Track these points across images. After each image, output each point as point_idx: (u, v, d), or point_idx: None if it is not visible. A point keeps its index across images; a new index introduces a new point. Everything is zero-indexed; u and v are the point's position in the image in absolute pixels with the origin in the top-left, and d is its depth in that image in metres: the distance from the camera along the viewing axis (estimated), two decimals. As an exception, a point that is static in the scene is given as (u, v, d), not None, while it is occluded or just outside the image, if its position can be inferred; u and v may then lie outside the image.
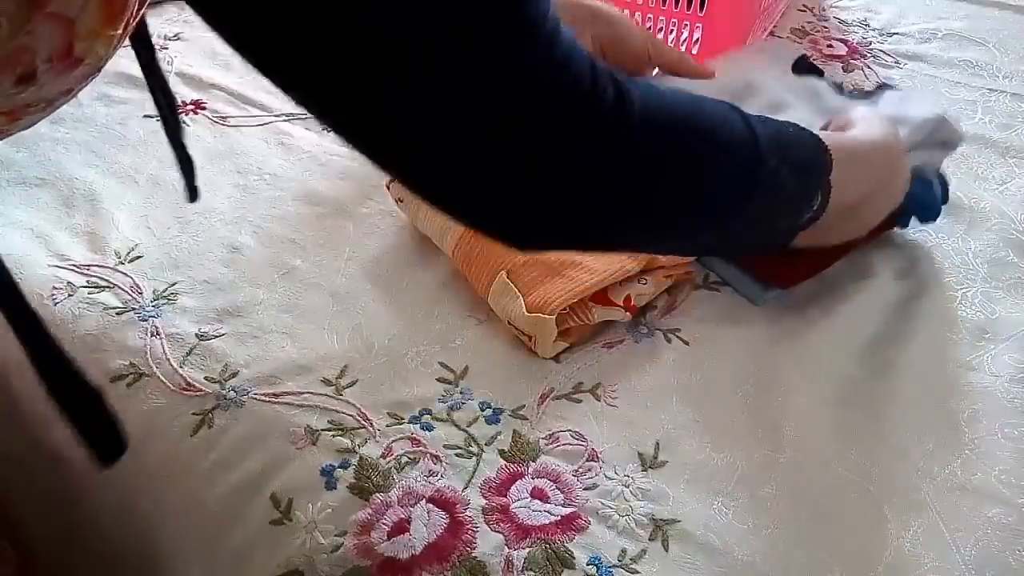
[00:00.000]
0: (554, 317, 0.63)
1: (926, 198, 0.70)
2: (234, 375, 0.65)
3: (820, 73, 0.80)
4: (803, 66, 0.79)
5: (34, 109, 0.39)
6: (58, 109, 0.41)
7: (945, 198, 0.72)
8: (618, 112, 0.41)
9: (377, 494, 0.57)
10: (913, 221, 0.71)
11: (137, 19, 0.38)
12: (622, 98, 0.41)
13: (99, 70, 0.39)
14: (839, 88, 0.77)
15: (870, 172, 0.60)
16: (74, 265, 0.74)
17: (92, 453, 0.53)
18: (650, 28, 0.90)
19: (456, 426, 0.62)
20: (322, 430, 0.61)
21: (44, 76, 0.35)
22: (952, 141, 0.72)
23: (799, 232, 0.56)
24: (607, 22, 0.69)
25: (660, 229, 0.49)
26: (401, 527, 0.55)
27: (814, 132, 0.55)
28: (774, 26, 1.03)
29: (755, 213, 0.51)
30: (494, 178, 0.41)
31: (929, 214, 0.71)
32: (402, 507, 0.57)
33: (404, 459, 0.59)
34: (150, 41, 0.52)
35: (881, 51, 1.00)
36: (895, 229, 0.73)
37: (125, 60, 0.55)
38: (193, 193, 0.63)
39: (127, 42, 0.42)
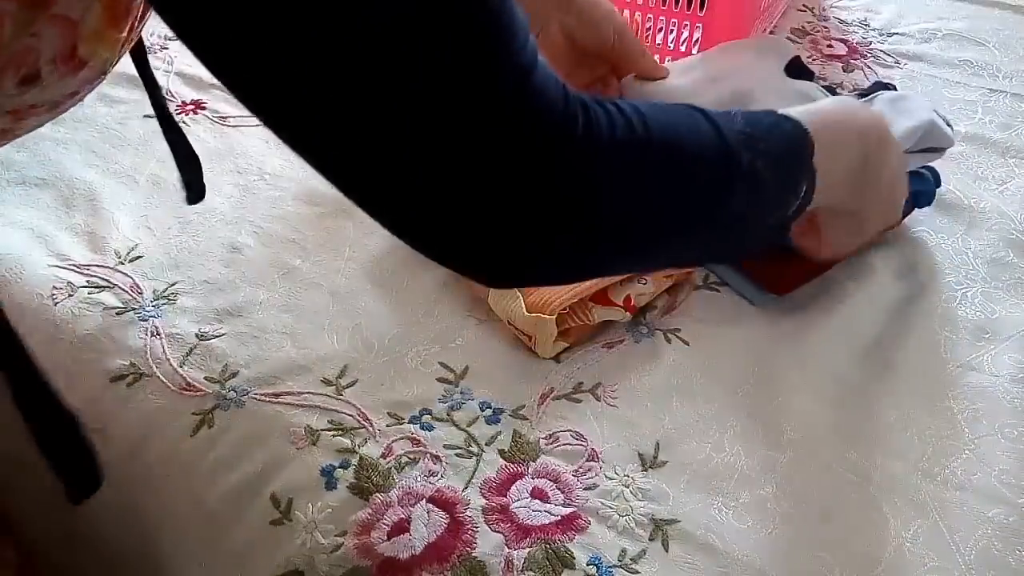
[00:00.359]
0: (554, 317, 0.63)
1: (922, 185, 0.72)
2: (234, 375, 0.65)
3: (811, 75, 0.80)
4: (794, 68, 0.79)
5: (39, 110, 0.38)
6: (65, 112, 0.41)
7: (938, 182, 0.74)
8: (587, 138, 0.40)
9: (377, 494, 0.57)
10: (915, 219, 0.72)
11: (143, 23, 0.38)
12: (590, 123, 0.40)
13: (104, 74, 0.39)
14: (832, 91, 0.77)
15: (851, 135, 0.54)
16: (74, 265, 0.74)
17: (67, 487, 0.52)
18: (650, 28, 0.90)
19: (456, 426, 0.62)
20: (322, 430, 0.61)
21: (48, 78, 0.35)
22: (942, 146, 0.72)
23: (791, 223, 0.53)
24: (574, 10, 0.68)
25: (641, 249, 0.47)
26: (401, 527, 0.55)
27: (791, 115, 0.50)
28: (774, 26, 1.03)
29: (737, 214, 0.49)
30: (462, 205, 0.39)
31: (925, 198, 0.74)
32: (402, 507, 0.57)
33: (404, 459, 0.59)
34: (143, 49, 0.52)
35: (881, 51, 1.00)
36: (895, 228, 0.74)
37: (125, 60, 0.55)
38: (197, 194, 0.62)
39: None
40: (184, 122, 0.90)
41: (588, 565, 0.53)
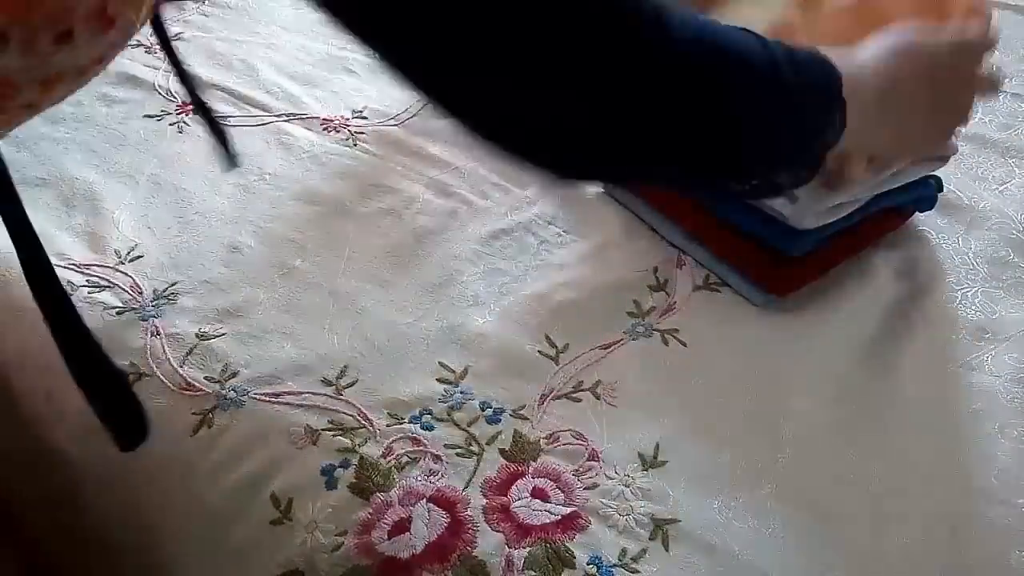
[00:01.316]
0: None
1: (924, 190, 0.73)
2: (234, 375, 0.65)
3: None
4: None
5: (67, 79, 0.40)
6: (88, 83, 0.42)
7: (939, 187, 0.74)
8: (657, 35, 0.44)
9: (377, 494, 0.57)
10: (916, 219, 0.73)
11: None
12: (660, 22, 0.44)
13: (128, 38, 0.40)
14: None
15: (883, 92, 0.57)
16: (74, 265, 0.74)
17: (114, 437, 0.53)
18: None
19: (457, 426, 0.62)
20: (322, 430, 0.61)
21: (80, 36, 0.36)
22: (946, 153, 0.72)
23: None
24: None
25: (687, 151, 0.50)
26: (402, 527, 0.55)
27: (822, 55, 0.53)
28: (774, 26, 1.03)
29: (779, 125, 0.51)
30: (535, 100, 0.43)
31: (927, 203, 0.74)
32: (403, 507, 0.57)
33: (404, 459, 0.59)
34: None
35: (881, 51, 1.00)
36: (896, 228, 0.74)
37: (125, 60, 0.55)
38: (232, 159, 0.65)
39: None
40: (185, 122, 0.90)
41: (588, 564, 0.53)
